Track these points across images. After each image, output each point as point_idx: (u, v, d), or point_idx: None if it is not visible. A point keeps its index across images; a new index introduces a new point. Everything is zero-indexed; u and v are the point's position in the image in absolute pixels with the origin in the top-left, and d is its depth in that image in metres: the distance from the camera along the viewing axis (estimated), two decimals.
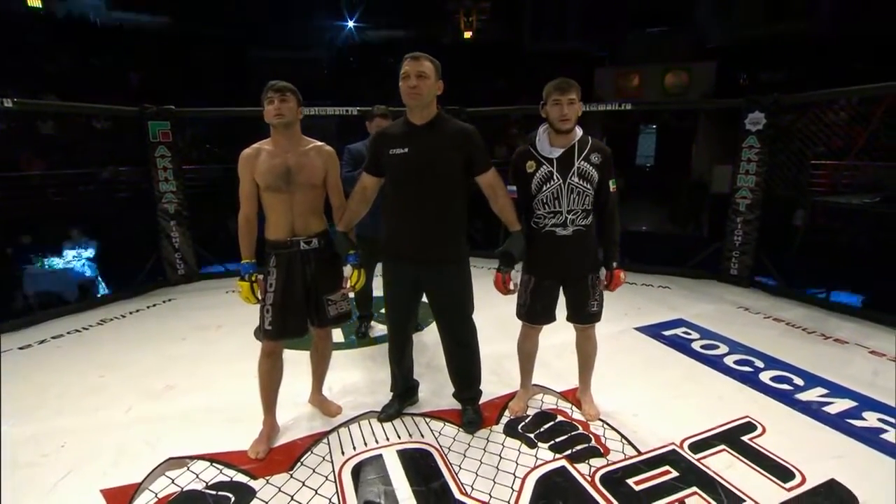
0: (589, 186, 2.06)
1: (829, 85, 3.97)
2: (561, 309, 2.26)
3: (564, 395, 2.51)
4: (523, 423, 2.28)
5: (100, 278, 5.78)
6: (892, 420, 2.32)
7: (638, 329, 3.41)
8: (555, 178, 2.05)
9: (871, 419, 2.34)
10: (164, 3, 12.28)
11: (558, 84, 2.02)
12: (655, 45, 13.64)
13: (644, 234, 10.84)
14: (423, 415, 2.37)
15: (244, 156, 2.06)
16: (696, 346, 3.15)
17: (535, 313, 2.23)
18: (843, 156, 4.53)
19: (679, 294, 4.26)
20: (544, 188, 2.06)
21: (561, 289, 2.24)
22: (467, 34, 16.15)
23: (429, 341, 3.16)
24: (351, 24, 15.37)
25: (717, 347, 3.12)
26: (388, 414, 2.34)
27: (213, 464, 2.04)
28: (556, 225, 2.08)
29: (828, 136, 4.17)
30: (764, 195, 4.25)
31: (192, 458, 2.07)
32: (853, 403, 2.47)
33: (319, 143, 2.15)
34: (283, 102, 1.99)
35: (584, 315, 2.21)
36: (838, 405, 2.46)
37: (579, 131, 2.09)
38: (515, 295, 2.25)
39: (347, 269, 2.11)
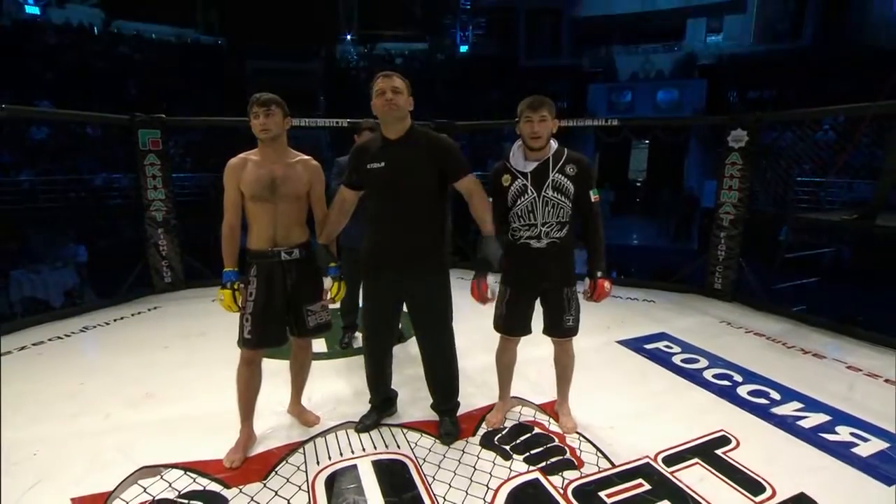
0: (565, 199, 2.09)
1: (816, 104, 4.07)
2: (537, 321, 2.29)
3: (543, 408, 2.52)
4: (500, 435, 2.29)
5: (86, 285, 5.75)
6: (863, 434, 2.35)
7: (620, 342, 3.44)
8: (529, 191, 2.08)
9: (843, 433, 2.36)
10: (163, 14, 12.38)
11: (530, 102, 2.06)
12: (648, 63, 13.90)
13: (632, 248, 10.96)
14: (401, 426, 2.38)
15: (231, 165, 2.09)
16: (676, 359, 3.17)
17: (511, 325, 2.25)
18: (826, 173, 4.62)
19: (663, 308, 4.30)
20: (519, 202, 2.10)
21: (538, 302, 2.26)
22: (463, 48, 16.38)
23: (410, 353, 3.17)
24: (349, 37, 15.55)
25: (697, 361, 3.15)
26: (366, 425, 2.34)
27: (187, 472, 2.03)
28: (531, 237, 2.12)
29: (808, 155, 4.26)
30: (747, 211, 4.32)
31: (166, 466, 2.07)
32: (827, 418, 2.50)
33: (306, 157, 2.19)
34: (268, 117, 2.02)
35: (561, 329, 2.24)
36: (812, 419, 2.48)
37: (554, 145, 2.13)
38: (493, 306, 2.27)
39: (328, 282, 2.12)
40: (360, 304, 3.30)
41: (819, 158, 4.30)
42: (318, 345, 3.35)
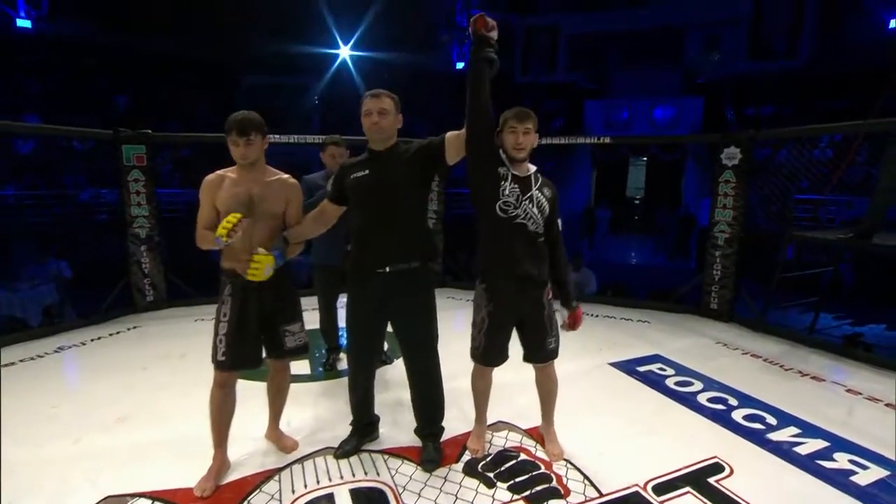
0: (541, 218, 2.10)
1: (813, 121, 4.13)
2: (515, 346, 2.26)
3: (530, 433, 2.48)
4: (484, 462, 2.25)
5: (65, 303, 5.70)
6: (863, 462, 2.32)
7: (612, 364, 3.41)
8: (511, 184, 2.06)
9: (841, 460, 2.33)
10: (154, 26, 12.51)
11: (516, 112, 2.07)
12: (644, 80, 14.08)
13: (630, 267, 10.98)
14: (382, 451, 2.34)
15: (207, 182, 2.09)
16: (669, 382, 3.14)
17: (490, 355, 2.21)
18: (821, 191, 4.67)
19: (658, 329, 4.28)
20: (504, 184, 2.05)
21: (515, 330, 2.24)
22: (460, 64, 16.60)
23: (394, 376, 3.13)
24: (345, 51, 15.70)
25: (691, 384, 3.12)
26: (345, 450, 2.30)
27: (155, 502, 1.98)
28: (524, 220, 2.06)
29: (803, 172, 4.31)
30: (742, 229, 4.34)
31: (133, 495, 2.01)
32: (825, 444, 2.46)
33: (285, 176, 2.19)
34: (248, 147, 2.03)
35: (544, 353, 2.22)
36: (810, 445, 2.45)
37: (532, 166, 2.15)
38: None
39: (261, 250, 1.98)
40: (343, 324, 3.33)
41: (813, 176, 4.35)
42: (301, 366, 3.31)
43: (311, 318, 3.22)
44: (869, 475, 2.22)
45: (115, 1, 12.21)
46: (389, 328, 2.25)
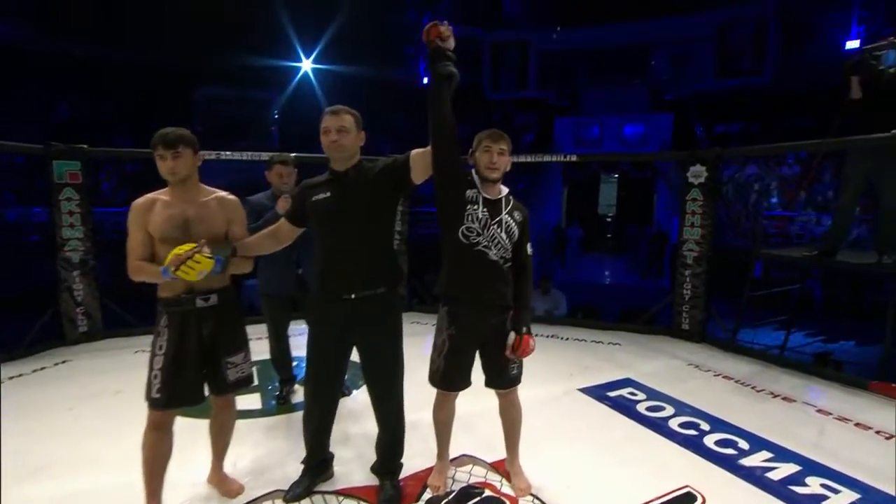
0: (509, 243, 2.11)
1: (780, 139, 4.31)
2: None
3: (495, 467, 2.45)
4: (446, 501, 2.20)
5: None
6: (834, 486, 2.37)
7: (582, 390, 3.42)
8: (481, 210, 2.07)
9: (813, 485, 2.38)
10: (102, 32, 12.20)
11: (491, 133, 2.10)
12: (615, 97, 14.59)
13: (602, 286, 11.20)
14: (336, 492, 2.25)
15: (136, 206, 2.00)
16: (640, 408, 3.17)
17: (451, 379, 2.18)
18: (785, 208, 4.88)
19: (629, 351, 4.34)
20: (471, 208, 2.07)
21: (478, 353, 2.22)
22: (426, 79, 16.80)
23: (350, 408, 3.05)
24: (307, 64, 15.68)
25: (662, 409, 3.15)
26: (296, 493, 2.21)
27: None
28: (487, 247, 2.07)
29: (769, 190, 4.49)
30: (710, 248, 4.48)
31: None
32: (797, 468, 2.52)
33: (223, 193, 2.13)
34: (176, 159, 1.96)
35: (506, 379, 2.20)
36: (782, 470, 2.50)
37: (505, 189, 2.17)
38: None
39: (206, 249, 1.87)
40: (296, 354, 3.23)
41: (778, 193, 4.54)
42: (252, 400, 3.20)
43: (262, 348, 3.14)
44: (841, 499, 2.27)
45: (61, 4, 11.85)
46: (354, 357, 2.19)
